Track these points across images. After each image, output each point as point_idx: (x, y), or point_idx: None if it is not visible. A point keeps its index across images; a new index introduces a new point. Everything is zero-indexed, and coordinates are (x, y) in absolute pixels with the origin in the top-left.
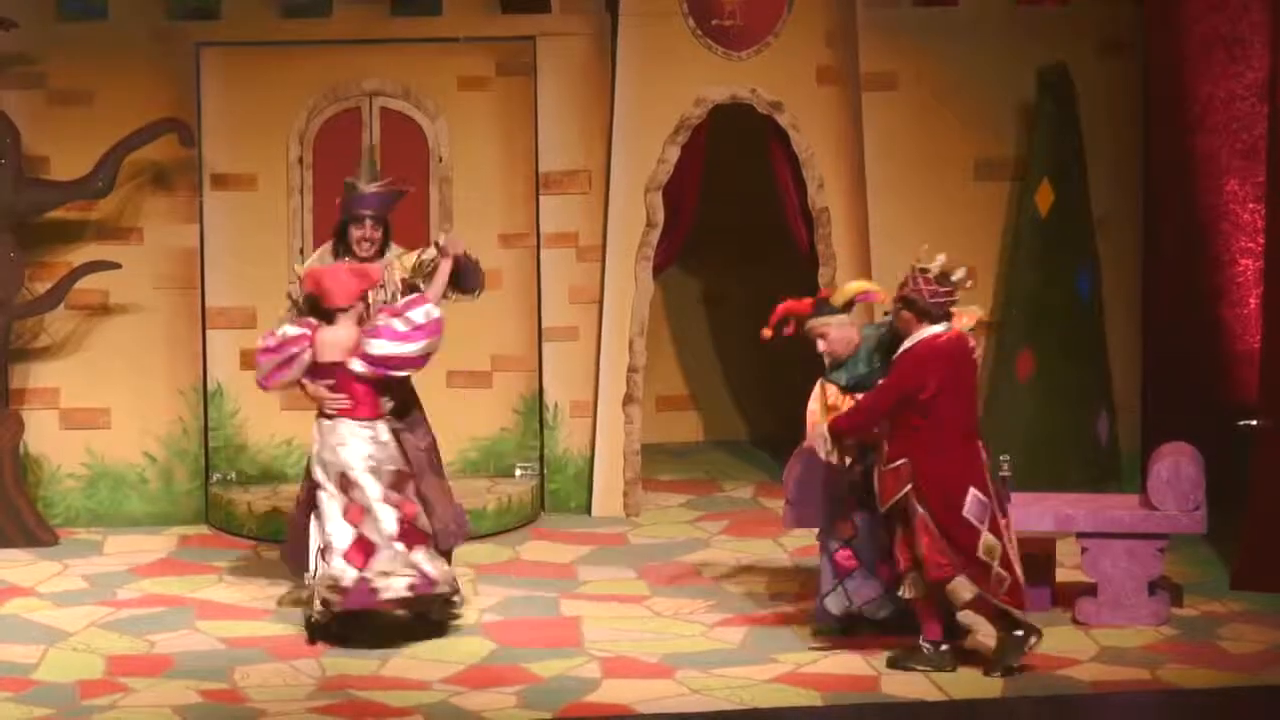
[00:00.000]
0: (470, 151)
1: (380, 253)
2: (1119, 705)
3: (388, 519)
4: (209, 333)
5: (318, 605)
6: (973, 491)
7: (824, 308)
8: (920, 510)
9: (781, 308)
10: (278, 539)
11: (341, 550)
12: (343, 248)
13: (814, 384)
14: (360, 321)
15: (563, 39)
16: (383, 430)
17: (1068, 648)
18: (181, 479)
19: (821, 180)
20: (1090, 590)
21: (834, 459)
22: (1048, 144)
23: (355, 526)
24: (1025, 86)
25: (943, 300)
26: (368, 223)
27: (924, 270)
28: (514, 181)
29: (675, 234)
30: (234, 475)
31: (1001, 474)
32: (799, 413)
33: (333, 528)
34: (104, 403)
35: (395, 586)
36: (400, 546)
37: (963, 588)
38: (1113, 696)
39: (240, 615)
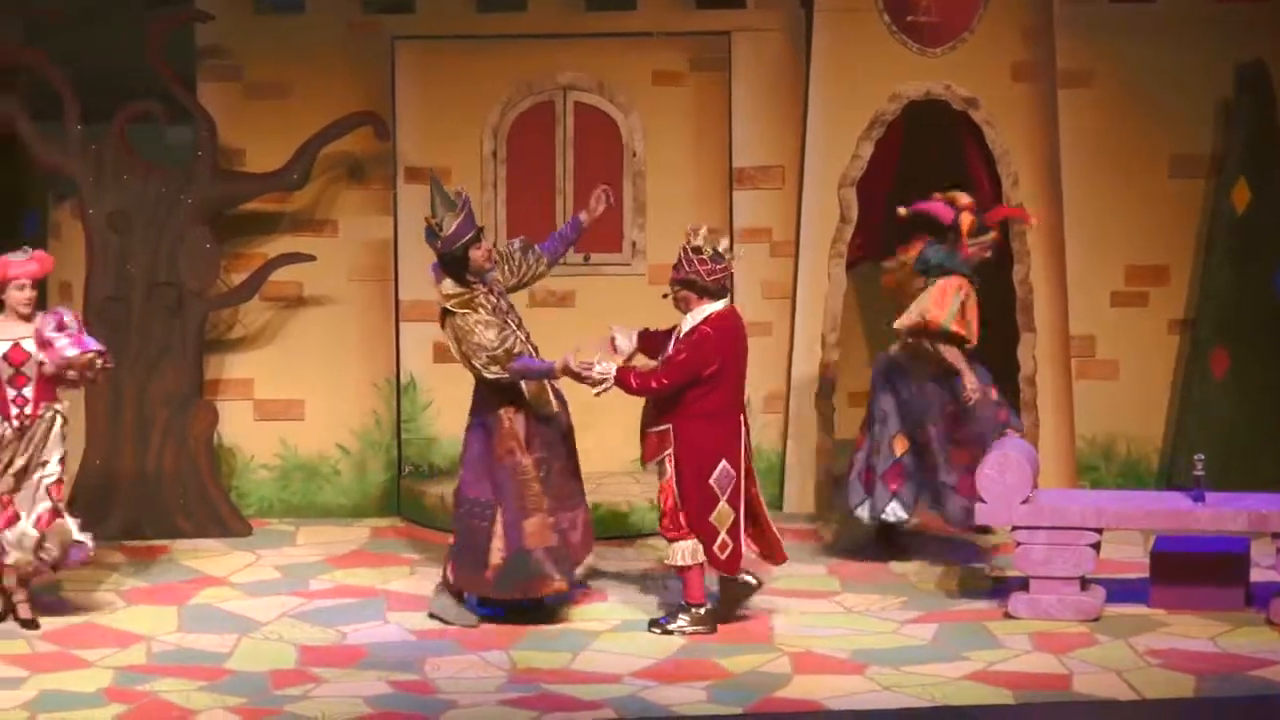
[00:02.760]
0: (664, 146)
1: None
2: None
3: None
4: (402, 325)
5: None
6: (724, 462)
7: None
8: (670, 472)
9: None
10: None
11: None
12: (466, 269)
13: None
14: None
15: (757, 34)
16: None
17: (1263, 648)
18: (374, 471)
19: (1016, 177)
20: None
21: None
22: (1245, 142)
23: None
24: (1223, 83)
25: (720, 276)
26: (482, 241)
27: (697, 251)
28: (707, 176)
29: (869, 229)
30: (426, 467)
31: (1195, 473)
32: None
33: None
34: (297, 395)
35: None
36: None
37: (685, 553)
38: None
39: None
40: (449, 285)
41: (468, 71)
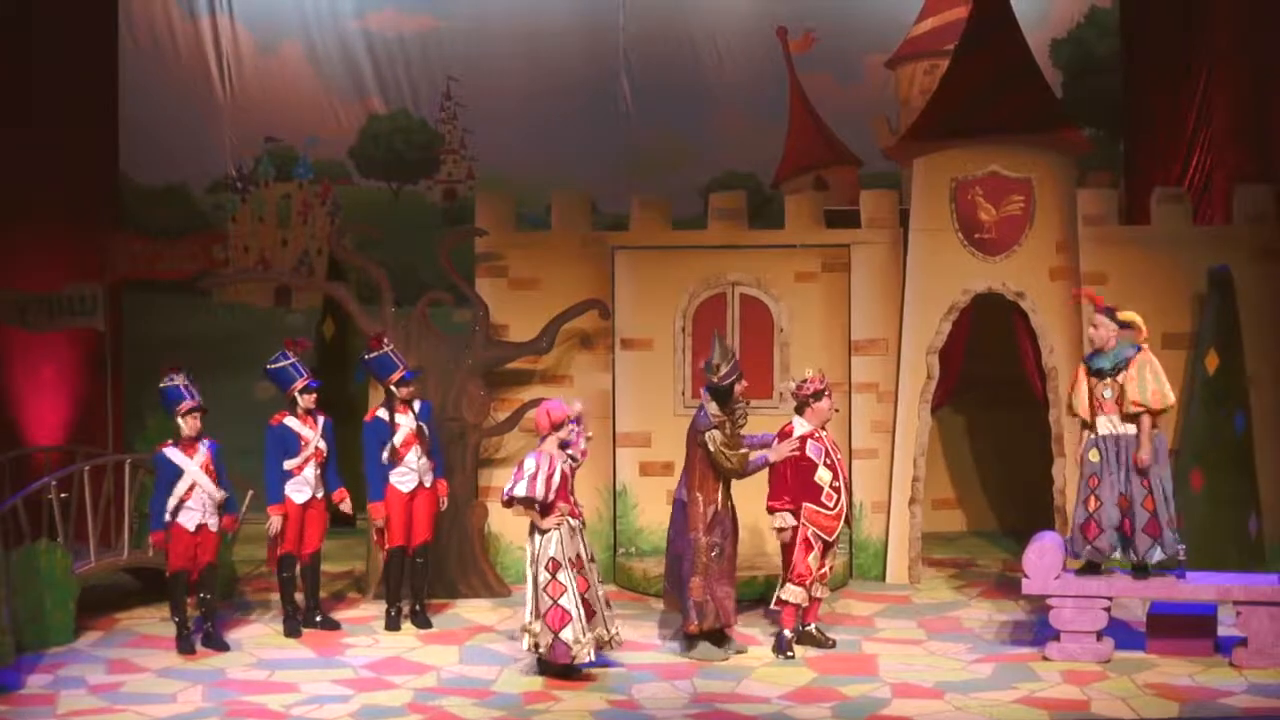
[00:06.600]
0: (803, 324)
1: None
2: None
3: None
4: (618, 450)
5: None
6: None
7: (1109, 313)
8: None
9: (1089, 294)
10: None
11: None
12: (726, 400)
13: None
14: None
15: (869, 246)
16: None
17: (1226, 682)
18: (597, 550)
19: (1052, 347)
20: (1242, 642)
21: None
22: (1214, 323)
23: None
24: (1199, 281)
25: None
26: (741, 382)
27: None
28: (833, 346)
29: (947, 383)
30: (634, 549)
31: (1179, 559)
32: (1037, 509)
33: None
34: None
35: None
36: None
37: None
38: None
39: (637, 648)
40: (714, 407)
41: (665, 271)
